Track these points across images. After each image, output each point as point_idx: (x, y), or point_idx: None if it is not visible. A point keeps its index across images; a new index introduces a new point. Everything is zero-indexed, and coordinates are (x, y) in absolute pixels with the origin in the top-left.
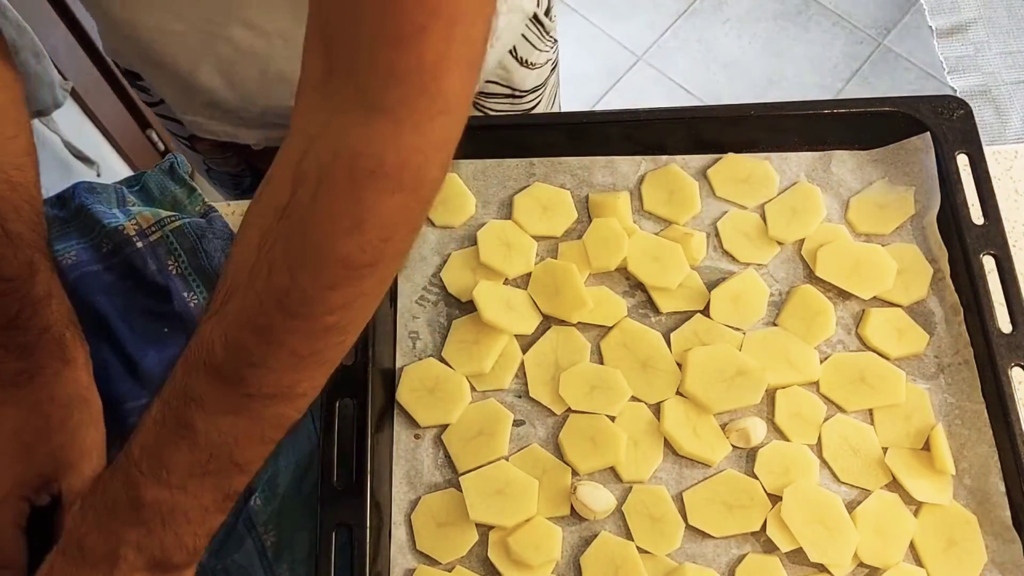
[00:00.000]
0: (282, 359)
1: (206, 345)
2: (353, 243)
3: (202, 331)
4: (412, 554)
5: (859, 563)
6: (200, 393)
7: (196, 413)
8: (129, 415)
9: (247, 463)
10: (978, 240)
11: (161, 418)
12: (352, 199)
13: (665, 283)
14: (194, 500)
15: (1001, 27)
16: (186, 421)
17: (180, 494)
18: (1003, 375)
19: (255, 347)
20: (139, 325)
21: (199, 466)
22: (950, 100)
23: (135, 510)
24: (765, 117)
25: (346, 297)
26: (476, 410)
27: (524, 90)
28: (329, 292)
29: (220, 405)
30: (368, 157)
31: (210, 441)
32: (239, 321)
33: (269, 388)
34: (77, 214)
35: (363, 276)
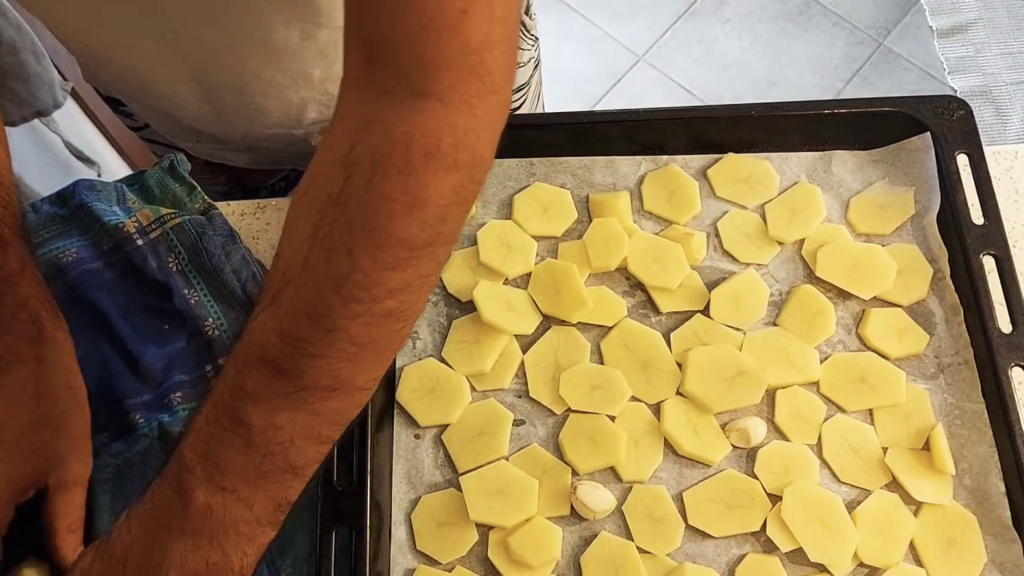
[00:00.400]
0: (341, 348)
1: (259, 339)
2: (412, 223)
3: (253, 327)
4: (412, 554)
5: (859, 563)
6: (255, 388)
7: (251, 409)
8: (130, 412)
9: (303, 466)
10: (978, 240)
11: (214, 418)
12: (409, 181)
13: (665, 283)
14: (246, 510)
15: (1001, 28)
16: (241, 418)
17: (232, 501)
18: (1003, 375)
19: (313, 336)
20: (140, 322)
21: (254, 467)
22: (950, 100)
23: (184, 518)
24: (765, 117)
25: (405, 279)
26: (476, 410)
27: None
28: (389, 274)
29: (277, 400)
30: (423, 140)
31: (266, 439)
32: (296, 311)
33: (327, 380)
34: (77, 212)
35: (422, 256)
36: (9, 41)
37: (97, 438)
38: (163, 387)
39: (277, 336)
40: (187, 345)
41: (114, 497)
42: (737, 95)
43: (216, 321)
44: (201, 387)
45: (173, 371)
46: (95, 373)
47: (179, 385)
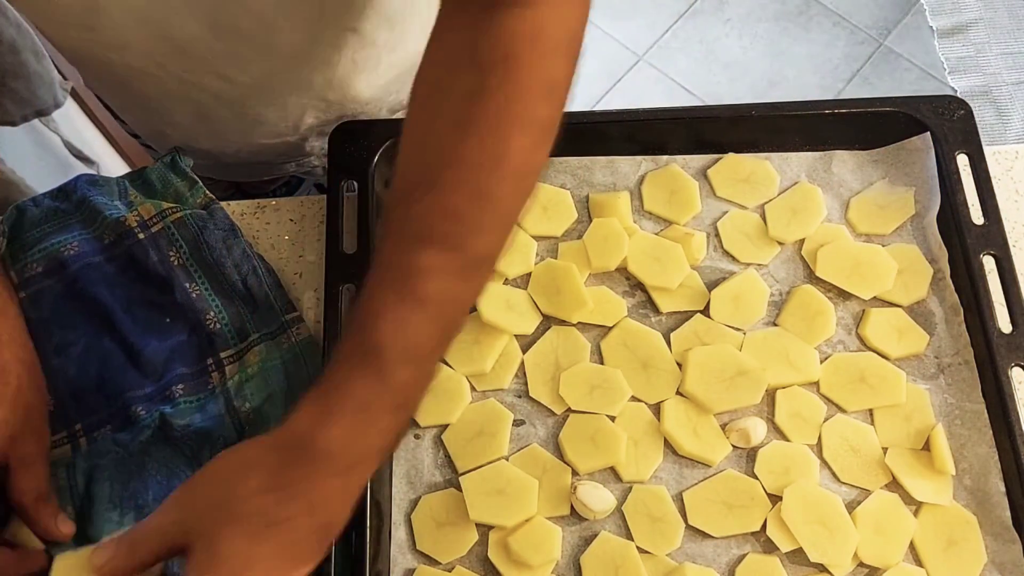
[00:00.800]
0: (497, 222)
1: (427, 221)
2: (548, 106)
3: (414, 211)
4: (412, 554)
5: (859, 563)
6: (430, 265)
7: (431, 285)
8: (131, 404)
9: (456, 336)
10: (978, 240)
11: (392, 299)
12: (541, 71)
13: (665, 283)
14: (429, 381)
15: (1002, 28)
16: (422, 295)
17: (423, 374)
18: (1003, 375)
19: (478, 213)
20: (141, 316)
21: (438, 339)
22: (951, 100)
23: (389, 395)
24: (766, 117)
25: (542, 158)
26: (476, 410)
27: None
28: (533, 153)
29: (451, 274)
30: (544, 34)
31: (444, 312)
32: (460, 192)
33: (485, 251)
34: (79, 206)
35: (550, 138)
36: (9, 40)
37: (99, 431)
38: (164, 380)
39: (443, 216)
40: (188, 338)
41: (113, 486)
42: (737, 95)
43: (217, 314)
44: (202, 379)
45: (174, 364)
46: (96, 366)
47: (180, 378)
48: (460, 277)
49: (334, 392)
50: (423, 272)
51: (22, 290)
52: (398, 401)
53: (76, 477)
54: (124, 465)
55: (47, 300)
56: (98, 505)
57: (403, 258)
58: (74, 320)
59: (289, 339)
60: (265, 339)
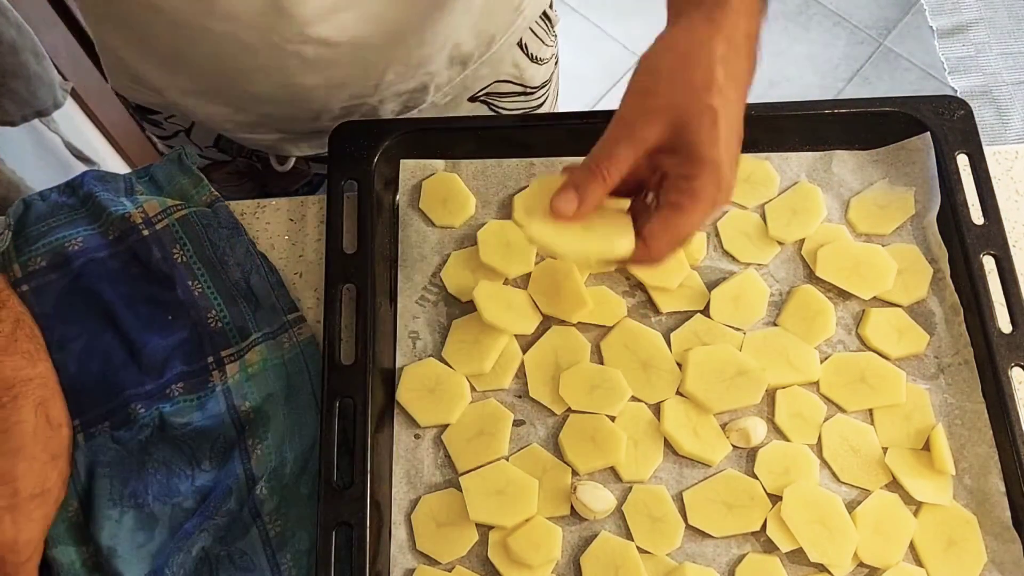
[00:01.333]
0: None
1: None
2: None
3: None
4: (412, 554)
5: (859, 563)
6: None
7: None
8: (131, 402)
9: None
10: (978, 240)
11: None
12: None
13: (665, 283)
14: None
15: (1002, 28)
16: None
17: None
18: (1003, 375)
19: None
20: (143, 313)
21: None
22: (950, 100)
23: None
24: (765, 117)
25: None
26: (476, 410)
27: (534, 86)
28: None
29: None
30: None
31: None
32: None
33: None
34: (85, 202)
35: None
36: (9, 41)
37: (98, 427)
38: (164, 378)
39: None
40: (189, 336)
41: (113, 484)
42: None
43: (219, 313)
44: (202, 378)
45: (175, 362)
46: (97, 362)
47: (180, 376)
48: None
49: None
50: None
51: (25, 284)
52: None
53: (78, 473)
54: (124, 463)
55: (50, 295)
56: (98, 503)
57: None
58: (76, 315)
59: (290, 339)
60: (267, 338)
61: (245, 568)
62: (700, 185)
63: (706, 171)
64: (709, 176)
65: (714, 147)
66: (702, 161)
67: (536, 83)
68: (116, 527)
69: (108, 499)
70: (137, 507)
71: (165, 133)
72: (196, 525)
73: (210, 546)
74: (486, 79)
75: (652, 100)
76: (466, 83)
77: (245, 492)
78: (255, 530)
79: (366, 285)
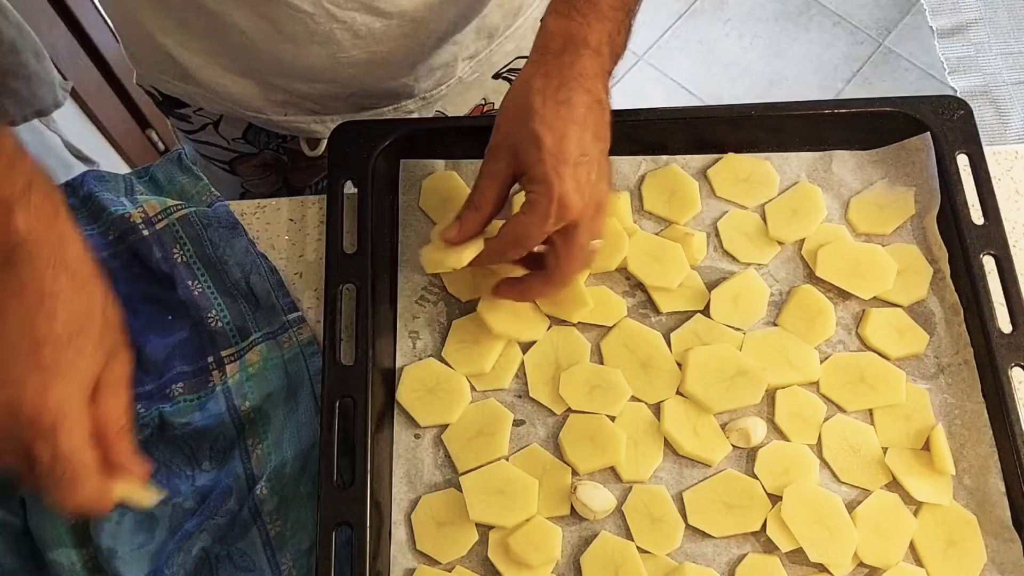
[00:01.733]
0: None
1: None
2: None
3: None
4: (412, 554)
5: (859, 563)
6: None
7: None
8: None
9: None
10: (978, 240)
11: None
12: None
13: (665, 283)
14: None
15: (1002, 28)
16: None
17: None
18: (1003, 375)
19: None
20: (143, 312)
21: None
22: (950, 100)
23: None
24: (765, 117)
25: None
26: (476, 410)
27: None
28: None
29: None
30: None
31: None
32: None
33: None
34: (85, 202)
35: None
36: (9, 41)
37: None
38: (164, 378)
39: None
40: (189, 336)
41: None
42: (737, 95)
43: (219, 313)
44: (202, 377)
45: (175, 361)
46: None
47: (180, 376)
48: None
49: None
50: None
51: None
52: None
53: None
54: None
55: None
56: None
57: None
58: None
59: (290, 339)
60: (267, 338)
61: (245, 568)
62: (534, 198)
63: (538, 187)
64: (540, 190)
65: (540, 165)
66: (533, 179)
67: None
68: (116, 528)
69: None
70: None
71: (192, 127)
72: (196, 525)
73: (210, 546)
74: (510, 55)
75: (496, 137)
76: (492, 58)
77: (245, 492)
78: (255, 530)
79: (366, 285)
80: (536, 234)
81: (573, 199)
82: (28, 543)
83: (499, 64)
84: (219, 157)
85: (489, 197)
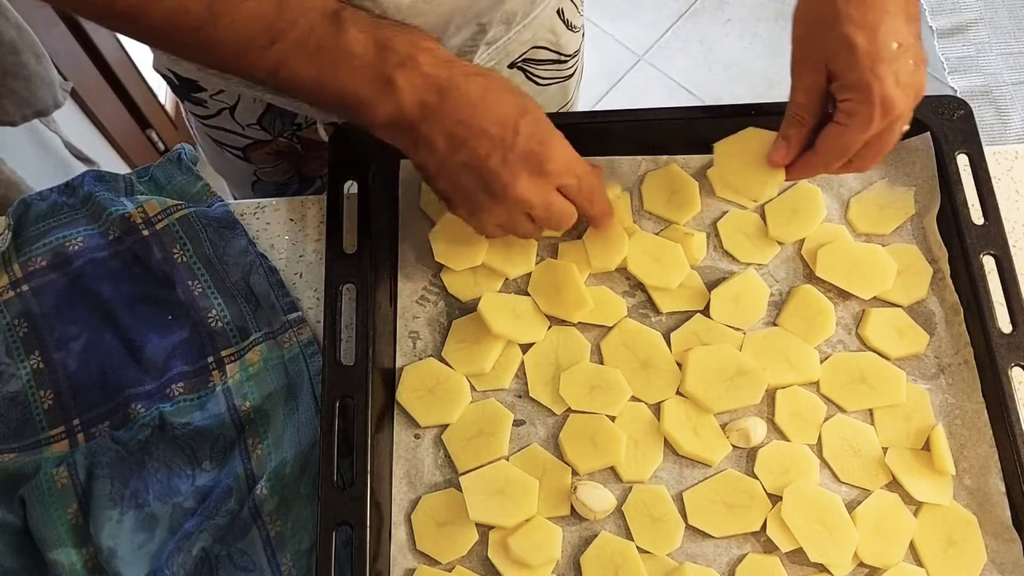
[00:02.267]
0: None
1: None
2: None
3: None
4: (412, 554)
5: (859, 563)
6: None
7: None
8: (131, 402)
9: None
10: (978, 240)
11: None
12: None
13: (665, 283)
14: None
15: (1002, 28)
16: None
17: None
18: (1003, 375)
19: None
20: (143, 312)
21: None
22: (950, 100)
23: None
24: (765, 117)
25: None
26: (476, 410)
27: (568, 54)
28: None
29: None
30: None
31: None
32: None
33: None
34: (85, 201)
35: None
36: (9, 41)
37: (98, 427)
38: (164, 378)
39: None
40: (189, 336)
41: (113, 484)
42: (737, 95)
43: (219, 313)
44: (202, 377)
45: (175, 361)
46: (97, 362)
47: (180, 376)
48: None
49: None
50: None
51: (25, 284)
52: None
53: (78, 474)
54: (124, 463)
55: (50, 294)
56: (98, 503)
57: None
58: (76, 315)
59: (290, 339)
60: (267, 338)
61: (245, 568)
62: (851, 107)
63: (855, 94)
64: (859, 97)
65: (854, 71)
66: (848, 86)
67: (570, 51)
68: (116, 527)
69: (108, 499)
70: (137, 507)
71: (208, 112)
72: (196, 525)
73: (210, 546)
74: (526, 44)
75: (800, 50)
76: (509, 46)
77: (245, 492)
78: (255, 530)
79: (366, 285)
80: (859, 141)
81: (896, 97)
82: (28, 543)
83: (515, 53)
84: (233, 143)
85: (810, 109)
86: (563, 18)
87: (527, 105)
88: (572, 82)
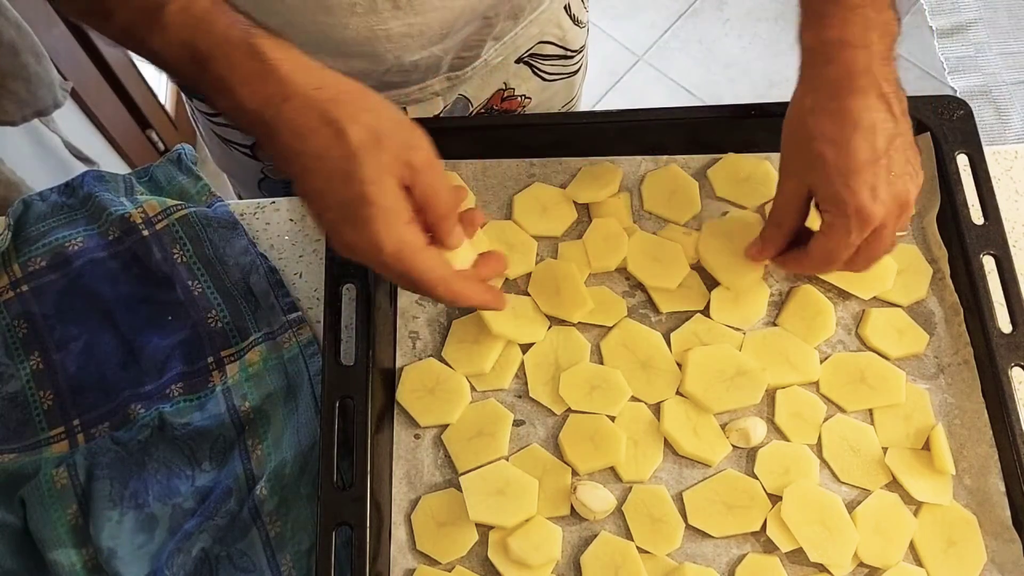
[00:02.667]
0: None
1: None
2: None
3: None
4: (412, 554)
5: (859, 563)
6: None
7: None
8: (130, 402)
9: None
10: (978, 240)
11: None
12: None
13: (665, 283)
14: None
15: (1001, 28)
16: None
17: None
18: (1003, 375)
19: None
20: (143, 312)
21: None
22: (950, 100)
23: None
24: (765, 117)
25: None
26: (476, 410)
27: (574, 49)
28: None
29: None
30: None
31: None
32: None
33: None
34: (85, 202)
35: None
36: (9, 41)
37: (98, 427)
38: (164, 378)
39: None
40: (189, 336)
41: (113, 485)
42: (737, 95)
43: (219, 313)
44: (202, 378)
45: (174, 362)
46: (97, 362)
47: (180, 376)
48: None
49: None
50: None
51: (25, 284)
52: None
53: (78, 475)
54: (124, 464)
55: (50, 295)
56: (98, 504)
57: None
58: (76, 316)
59: (290, 339)
60: (267, 338)
61: (245, 568)
62: (830, 219)
63: (831, 207)
64: (835, 211)
65: (828, 185)
66: (824, 199)
67: (576, 46)
68: (116, 528)
69: (108, 500)
70: (137, 508)
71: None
72: (196, 525)
73: (210, 546)
74: (533, 39)
75: (784, 159)
76: (516, 41)
77: (245, 492)
78: (255, 530)
79: (366, 285)
80: (843, 250)
81: (871, 209)
82: (28, 543)
83: (522, 48)
84: (241, 140)
85: (790, 214)
86: (569, 13)
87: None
88: (577, 78)
